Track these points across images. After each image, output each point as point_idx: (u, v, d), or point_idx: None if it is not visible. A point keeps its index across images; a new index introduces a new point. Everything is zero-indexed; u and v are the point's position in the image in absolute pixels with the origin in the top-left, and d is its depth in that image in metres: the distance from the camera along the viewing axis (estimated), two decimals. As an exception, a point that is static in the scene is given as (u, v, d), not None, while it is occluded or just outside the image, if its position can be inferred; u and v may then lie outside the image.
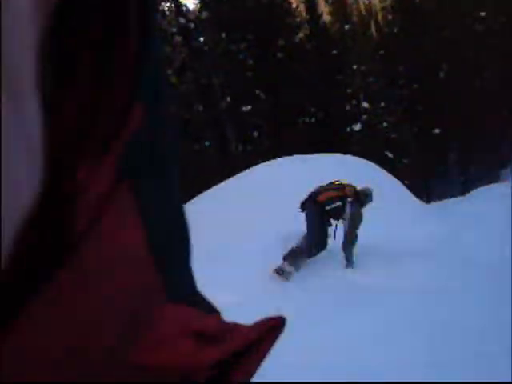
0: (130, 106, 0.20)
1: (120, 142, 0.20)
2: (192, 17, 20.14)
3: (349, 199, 6.42)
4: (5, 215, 0.14)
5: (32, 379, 0.17)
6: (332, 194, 6.47)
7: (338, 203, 6.43)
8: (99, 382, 0.21)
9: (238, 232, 7.30)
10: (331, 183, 6.69)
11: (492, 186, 13.56)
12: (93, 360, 0.20)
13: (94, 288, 0.19)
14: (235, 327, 0.31)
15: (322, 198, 6.42)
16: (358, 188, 6.62)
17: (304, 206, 6.51)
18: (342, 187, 6.56)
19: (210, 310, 0.33)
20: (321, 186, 6.65)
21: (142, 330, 0.23)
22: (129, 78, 0.20)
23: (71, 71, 0.19)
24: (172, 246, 0.27)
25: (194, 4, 20.53)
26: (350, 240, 6.36)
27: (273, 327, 0.32)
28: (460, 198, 13.26)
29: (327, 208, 6.38)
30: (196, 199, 9.75)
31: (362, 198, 6.55)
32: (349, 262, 6.33)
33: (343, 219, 6.46)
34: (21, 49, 0.13)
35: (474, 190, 13.15)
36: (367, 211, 6.59)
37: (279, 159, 11.09)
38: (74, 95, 0.19)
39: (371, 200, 6.65)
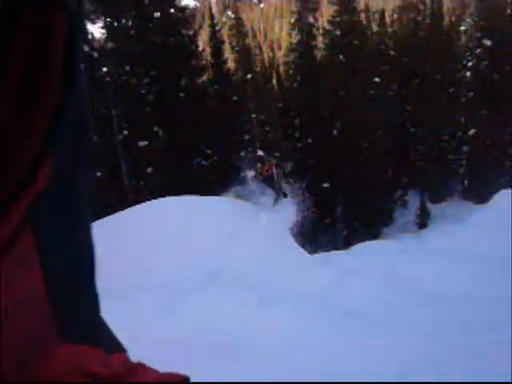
0: (44, 156, 0.20)
1: (31, 193, 0.19)
2: (97, 45, 19.81)
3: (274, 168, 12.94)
4: None
5: None
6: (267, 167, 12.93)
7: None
8: None
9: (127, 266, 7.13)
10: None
11: (372, 242, 14.22)
12: None
13: None
14: (139, 370, 0.30)
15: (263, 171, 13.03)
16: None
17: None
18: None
19: (115, 347, 0.31)
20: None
21: (35, 369, 0.22)
22: (45, 129, 0.20)
23: None
24: (72, 283, 0.26)
25: (101, 33, 20.20)
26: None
27: None
28: (342, 251, 13.74)
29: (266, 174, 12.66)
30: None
31: (283, 166, 12.95)
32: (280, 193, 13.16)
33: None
34: None
35: (357, 245, 13.69)
36: (247, 254, 6.92)
37: (170, 197, 10.99)
38: None
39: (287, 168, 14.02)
